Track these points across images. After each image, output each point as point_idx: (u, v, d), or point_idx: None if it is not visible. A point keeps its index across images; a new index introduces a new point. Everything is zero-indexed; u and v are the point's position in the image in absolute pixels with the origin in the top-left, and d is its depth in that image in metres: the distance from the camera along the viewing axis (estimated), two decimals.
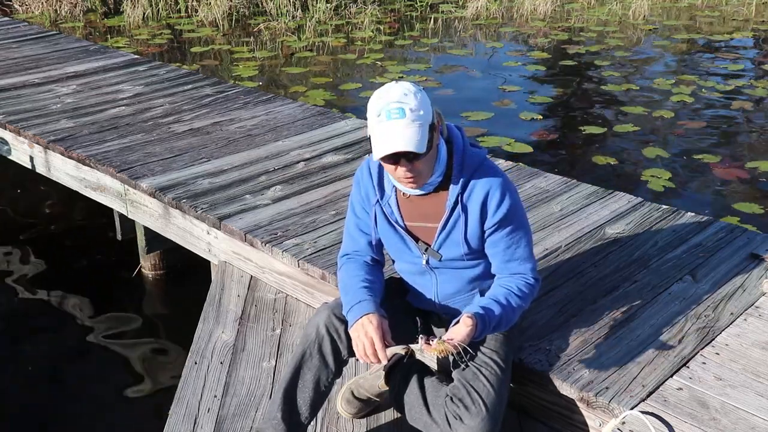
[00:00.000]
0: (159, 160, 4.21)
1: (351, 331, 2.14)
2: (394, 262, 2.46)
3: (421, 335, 2.09)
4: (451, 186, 2.22)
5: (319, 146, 4.45)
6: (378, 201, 2.30)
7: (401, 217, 2.30)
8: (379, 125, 2.04)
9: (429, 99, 2.10)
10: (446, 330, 2.15)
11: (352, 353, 2.23)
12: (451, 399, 2.18)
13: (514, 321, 2.27)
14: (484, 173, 2.22)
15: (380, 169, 2.32)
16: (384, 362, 2.10)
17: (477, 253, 2.28)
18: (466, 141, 2.27)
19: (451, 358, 2.31)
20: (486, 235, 2.25)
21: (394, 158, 2.07)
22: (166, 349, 3.98)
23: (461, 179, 2.21)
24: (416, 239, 2.30)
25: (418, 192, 2.24)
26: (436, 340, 2.06)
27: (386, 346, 2.08)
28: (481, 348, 2.26)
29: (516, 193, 2.28)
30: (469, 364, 2.22)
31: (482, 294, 2.31)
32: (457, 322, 2.10)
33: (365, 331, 2.09)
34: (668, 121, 6.72)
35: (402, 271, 2.44)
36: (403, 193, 2.28)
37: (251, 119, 4.93)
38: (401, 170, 2.10)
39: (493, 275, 2.33)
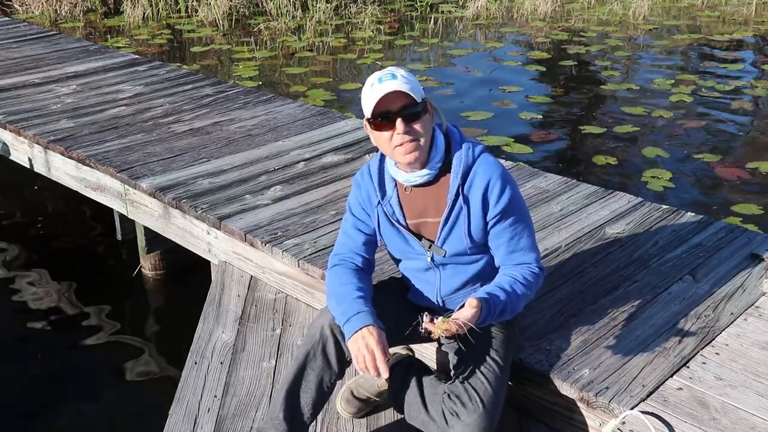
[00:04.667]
0: (159, 160, 4.21)
1: (349, 343, 2.11)
2: (398, 263, 2.46)
3: (425, 314, 2.08)
4: (452, 178, 2.23)
5: (319, 146, 4.45)
6: (380, 202, 2.31)
7: (403, 216, 2.30)
8: (372, 89, 2.13)
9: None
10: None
11: None
12: (449, 396, 2.18)
13: (519, 309, 2.26)
14: (483, 164, 2.24)
15: (381, 170, 2.33)
16: (385, 375, 2.07)
17: (481, 246, 2.29)
18: (464, 136, 2.30)
19: (450, 353, 2.31)
20: (489, 226, 2.25)
21: (390, 117, 2.10)
22: (166, 349, 3.98)
23: (461, 171, 2.22)
24: (419, 237, 2.30)
25: (419, 180, 2.24)
26: (440, 318, 2.04)
27: (386, 359, 2.07)
28: (481, 346, 2.25)
29: (515, 184, 2.29)
30: (472, 366, 2.22)
31: None
32: (462, 306, 2.10)
33: (366, 343, 2.06)
34: (668, 121, 6.72)
35: (406, 269, 2.44)
36: (405, 189, 2.29)
37: (251, 119, 4.93)
38: (398, 136, 2.12)
39: (495, 273, 2.33)
